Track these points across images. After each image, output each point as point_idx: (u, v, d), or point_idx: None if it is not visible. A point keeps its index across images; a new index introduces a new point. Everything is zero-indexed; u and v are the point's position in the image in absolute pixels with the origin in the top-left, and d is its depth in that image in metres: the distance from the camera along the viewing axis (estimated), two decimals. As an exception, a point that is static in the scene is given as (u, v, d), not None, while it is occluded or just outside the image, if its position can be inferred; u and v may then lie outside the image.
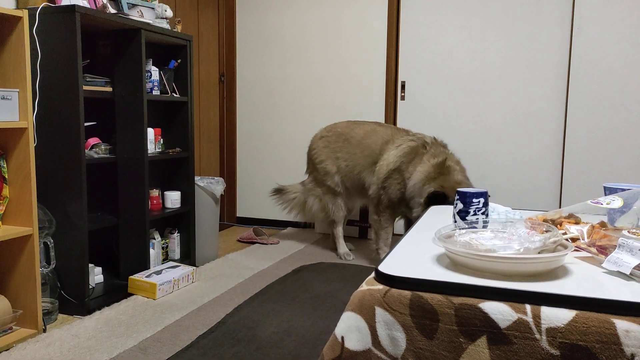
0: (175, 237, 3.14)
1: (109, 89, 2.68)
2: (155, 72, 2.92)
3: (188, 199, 3.14)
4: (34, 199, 2.09)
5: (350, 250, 3.54)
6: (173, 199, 3.07)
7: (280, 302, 2.54)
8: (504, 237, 1.20)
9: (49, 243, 2.27)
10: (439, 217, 1.83)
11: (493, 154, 3.70)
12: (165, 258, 3.10)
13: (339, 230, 3.45)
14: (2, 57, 2.06)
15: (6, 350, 1.98)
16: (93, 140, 2.68)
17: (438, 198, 2.71)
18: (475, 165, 3.73)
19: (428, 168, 2.90)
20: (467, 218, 1.51)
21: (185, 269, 2.81)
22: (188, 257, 3.17)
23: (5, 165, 2.09)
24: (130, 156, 2.72)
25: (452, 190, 2.68)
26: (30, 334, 2.10)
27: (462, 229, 1.33)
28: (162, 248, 3.07)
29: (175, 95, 3.09)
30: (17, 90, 2.03)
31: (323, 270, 3.04)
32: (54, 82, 2.32)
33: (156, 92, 2.94)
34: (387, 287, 1.13)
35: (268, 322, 2.27)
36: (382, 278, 1.16)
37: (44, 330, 2.15)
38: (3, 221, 2.11)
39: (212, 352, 1.99)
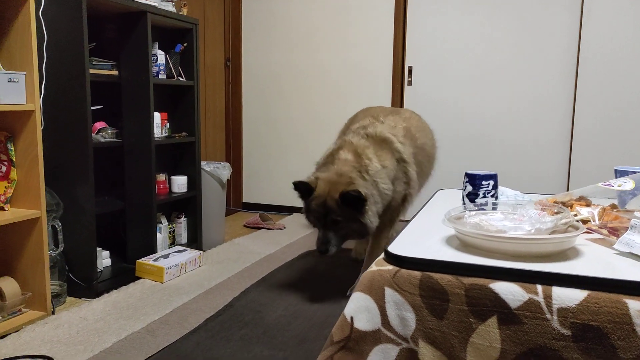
0: (182, 221, 3.14)
1: (115, 72, 2.67)
2: (161, 56, 2.90)
3: (195, 183, 3.14)
4: (41, 182, 2.09)
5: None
6: (180, 183, 3.07)
7: (286, 286, 2.55)
8: (515, 218, 1.19)
9: (56, 226, 2.28)
10: (447, 200, 1.82)
11: (500, 139, 3.67)
12: (172, 242, 3.11)
13: None
14: (9, 40, 2.05)
15: (16, 332, 1.99)
16: (99, 125, 2.68)
17: (300, 189, 2.17)
18: (483, 150, 3.71)
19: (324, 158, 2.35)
20: (476, 200, 1.50)
21: (192, 253, 2.82)
22: (195, 241, 3.17)
23: (12, 148, 2.09)
24: (136, 140, 2.72)
25: (320, 182, 2.12)
26: (39, 316, 2.12)
27: (472, 210, 1.32)
28: (169, 232, 3.07)
29: (181, 79, 3.07)
30: (24, 72, 2.02)
31: (329, 256, 3.05)
32: (60, 65, 2.31)
33: (162, 76, 2.92)
34: (397, 268, 1.13)
35: (275, 306, 2.28)
36: (392, 259, 1.15)
37: (53, 313, 2.17)
38: (11, 204, 2.12)
39: (220, 335, 2.00)
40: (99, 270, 2.51)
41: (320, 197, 2.10)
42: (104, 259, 2.71)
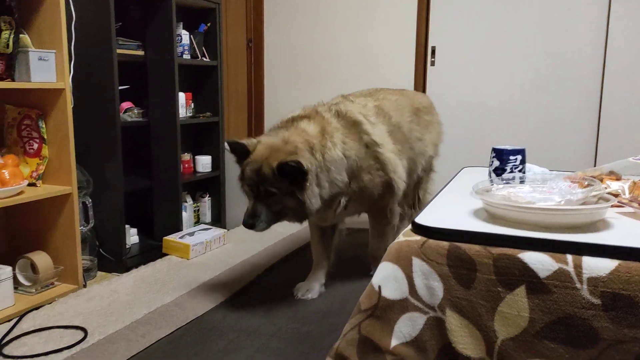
0: (207, 200, 3.19)
1: (140, 52, 2.70)
2: (185, 36, 2.92)
3: (218, 163, 3.18)
4: (72, 158, 2.14)
5: None
6: (204, 163, 3.10)
7: (309, 264, 2.57)
8: (544, 190, 1.19)
9: (87, 202, 2.34)
10: (473, 177, 1.81)
11: (527, 117, 3.62)
12: (197, 221, 3.16)
13: None
14: (38, 19, 2.09)
15: (49, 304, 2.06)
16: (126, 104, 2.72)
17: (235, 150, 1.93)
18: (509, 129, 3.67)
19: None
20: (503, 176, 1.49)
21: (216, 232, 2.87)
22: (219, 220, 3.22)
23: (44, 126, 2.14)
24: (162, 120, 2.76)
25: (260, 147, 1.89)
26: (72, 289, 2.18)
27: (499, 184, 1.32)
28: (194, 211, 3.12)
29: (205, 59, 3.09)
30: (54, 51, 2.06)
31: (351, 235, 3.07)
32: (88, 44, 2.35)
33: (186, 56, 2.95)
34: (425, 238, 1.14)
35: (298, 282, 2.31)
36: (420, 229, 1.16)
37: (84, 286, 2.23)
38: (43, 180, 2.17)
39: (245, 309, 2.04)
40: (127, 246, 2.57)
41: (256, 163, 1.83)
42: (132, 236, 2.77)
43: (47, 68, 2.04)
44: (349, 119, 2.04)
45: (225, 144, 1.99)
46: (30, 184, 2.13)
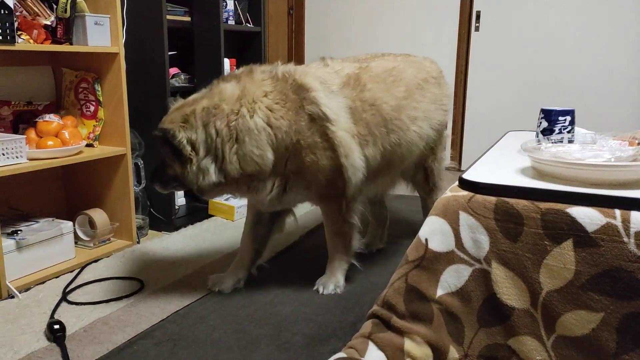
0: (250, 165, 3.26)
1: (187, 18, 2.76)
2: (230, 2, 2.96)
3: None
4: (126, 121, 2.24)
5: None
6: (248, 128, 3.17)
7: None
8: (594, 148, 1.19)
9: (139, 164, 2.45)
10: (518, 140, 1.81)
11: (573, 82, 3.53)
12: (241, 185, 3.25)
13: None
14: (93, -15, 2.16)
15: (107, 257, 2.19)
16: (173, 70, 2.79)
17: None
18: (554, 94, 3.59)
19: None
20: (551, 137, 1.49)
21: (260, 195, 2.95)
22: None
23: (100, 89, 2.24)
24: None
25: (172, 108, 1.77)
26: (126, 244, 2.31)
27: (548, 143, 1.33)
28: (238, 175, 3.21)
29: (249, 25, 3.13)
30: (109, 16, 2.14)
31: (396, 200, 3.10)
32: (139, 10, 2.42)
33: (231, 22, 2.99)
34: (472, 194, 1.17)
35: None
36: (467, 185, 1.19)
37: (138, 242, 2.36)
38: (99, 141, 2.29)
39: (290, 266, 2.12)
40: (176, 207, 2.68)
41: (159, 125, 1.70)
42: (179, 198, 2.88)
43: (103, 32, 2.12)
44: (294, 83, 1.70)
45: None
46: (87, 145, 2.24)
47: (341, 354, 1.15)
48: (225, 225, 2.66)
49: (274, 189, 1.73)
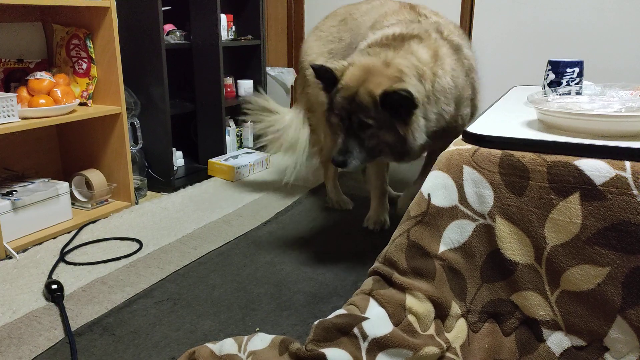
0: (249, 125, 3.21)
1: (181, -28, 2.65)
2: (225, -45, 2.85)
3: (260, 87, 3.17)
4: (120, 78, 2.17)
5: None
6: (246, 87, 3.11)
7: (353, 188, 2.60)
8: (603, 99, 1.14)
9: (135, 123, 2.40)
10: (524, 94, 1.76)
11: (584, 27, 3.43)
12: (240, 146, 3.21)
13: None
14: None
15: (105, 218, 2.17)
16: (168, 27, 2.70)
17: (322, 76, 1.64)
18: (564, 42, 3.50)
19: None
20: (559, 89, 1.44)
21: (260, 155, 2.91)
22: (261, 145, 3.25)
23: (92, 46, 2.17)
24: (204, 42, 2.74)
25: (353, 69, 1.59)
26: (125, 205, 2.29)
27: (555, 95, 1.28)
28: (237, 136, 3.16)
29: (245, -21, 3.02)
30: (98, -32, 2.05)
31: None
32: (129, -37, 2.32)
33: (227, -24, 2.88)
34: (476, 147, 1.12)
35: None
36: (471, 138, 1.15)
37: (136, 203, 2.33)
38: (93, 101, 2.23)
39: (290, 227, 2.10)
40: (174, 168, 2.64)
41: (349, 89, 1.54)
42: (178, 158, 2.84)
43: (92, -14, 2.04)
44: (452, 42, 1.73)
45: (309, 68, 1.68)
46: (81, 104, 2.19)
47: (342, 311, 1.14)
48: (225, 185, 2.64)
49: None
